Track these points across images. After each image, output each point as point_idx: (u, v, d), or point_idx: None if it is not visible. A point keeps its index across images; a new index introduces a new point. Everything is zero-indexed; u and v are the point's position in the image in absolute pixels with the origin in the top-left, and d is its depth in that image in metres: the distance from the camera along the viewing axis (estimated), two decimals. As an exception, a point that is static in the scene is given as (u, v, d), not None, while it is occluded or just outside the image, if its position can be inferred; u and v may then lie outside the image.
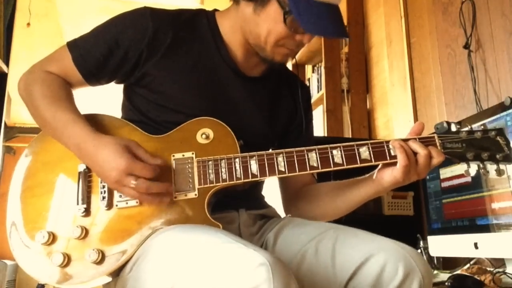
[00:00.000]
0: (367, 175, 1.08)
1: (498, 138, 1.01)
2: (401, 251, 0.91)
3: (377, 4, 2.94)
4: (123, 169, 0.95)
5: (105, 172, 0.97)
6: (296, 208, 1.23)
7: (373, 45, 2.98)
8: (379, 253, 0.91)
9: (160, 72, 1.10)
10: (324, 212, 1.17)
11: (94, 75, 1.11)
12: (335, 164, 1.01)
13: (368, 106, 3.01)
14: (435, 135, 1.03)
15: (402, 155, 0.98)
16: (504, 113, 1.40)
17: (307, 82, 3.51)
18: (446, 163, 1.67)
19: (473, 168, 1.01)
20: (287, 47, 1.10)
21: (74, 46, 1.11)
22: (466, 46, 1.97)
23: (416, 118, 2.40)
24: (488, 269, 1.51)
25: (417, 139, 1.02)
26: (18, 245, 1.01)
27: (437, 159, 1.00)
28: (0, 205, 1.22)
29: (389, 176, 1.02)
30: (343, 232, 1.00)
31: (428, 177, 1.77)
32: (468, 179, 1.55)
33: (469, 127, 1.03)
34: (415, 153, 1.00)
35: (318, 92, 3.21)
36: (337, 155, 1.01)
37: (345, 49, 3.09)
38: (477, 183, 1.51)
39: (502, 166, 1.00)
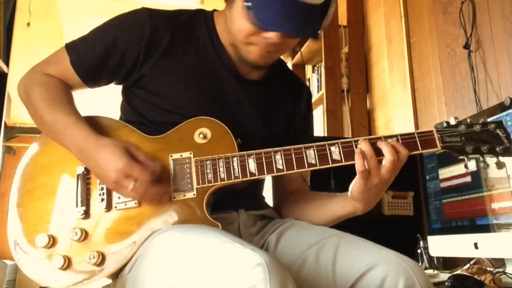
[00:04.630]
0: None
1: (498, 131, 0.98)
2: (402, 264, 0.89)
3: (377, 4, 2.94)
4: (121, 170, 0.95)
5: (104, 173, 0.97)
6: (283, 211, 1.22)
7: (373, 45, 2.98)
8: (380, 265, 0.89)
9: (157, 73, 1.09)
10: (307, 220, 1.14)
11: (92, 77, 1.11)
12: (333, 161, 0.99)
13: (368, 106, 3.01)
14: (433, 129, 1.01)
15: (359, 161, 0.96)
16: (504, 113, 1.40)
17: (307, 82, 3.50)
18: (445, 163, 1.69)
19: (472, 162, 0.99)
20: (257, 45, 1.06)
21: (72, 48, 1.11)
22: (466, 46, 1.97)
23: (416, 118, 2.40)
24: (488, 269, 1.50)
25: (399, 137, 0.98)
26: (19, 249, 1.01)
27: (403, 152, 0.97)
28: (0, 205, 1.22)
29: (353, 183, 1.00)
30: (345, 240, 0.98)
31: (428, 177, 1.77)
32: (468, 179, 1.55)
33: (468, 120, 1.01)
34: (381, 154, 0.97)
35: (318, 92, 3.21)
36: (335, 151, 0.99)
37: (345, 49, 3.09)
38: (477, 183, 1.51)
39: (502, 159, 0.98)
